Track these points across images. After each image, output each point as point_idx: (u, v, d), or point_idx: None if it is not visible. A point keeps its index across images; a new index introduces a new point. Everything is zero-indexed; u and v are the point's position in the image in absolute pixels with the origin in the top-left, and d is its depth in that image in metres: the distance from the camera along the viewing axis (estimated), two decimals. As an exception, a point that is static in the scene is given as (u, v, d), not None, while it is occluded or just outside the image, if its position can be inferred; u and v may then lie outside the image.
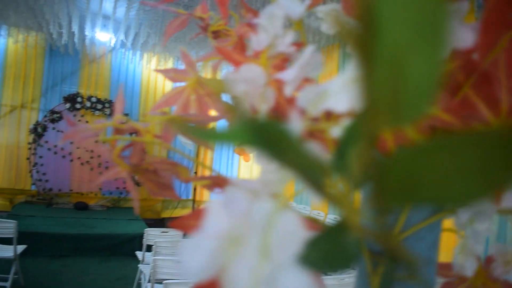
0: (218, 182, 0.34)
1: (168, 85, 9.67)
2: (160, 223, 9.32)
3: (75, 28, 7.40)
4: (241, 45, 0.42)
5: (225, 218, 0.19)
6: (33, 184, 9.02)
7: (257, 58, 0.32)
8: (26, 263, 5.39)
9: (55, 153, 9.04)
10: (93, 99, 9.16)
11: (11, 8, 6.81)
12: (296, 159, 0.17)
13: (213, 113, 0.46)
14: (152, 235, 4.97)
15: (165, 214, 9.85)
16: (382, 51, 0.15)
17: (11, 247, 4.79)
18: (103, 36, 8.18)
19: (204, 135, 0.18)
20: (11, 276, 4.61)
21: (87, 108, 9.15)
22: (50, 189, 8.97)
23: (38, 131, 8.85)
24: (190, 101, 0.46)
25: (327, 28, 0.41)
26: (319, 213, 8.02)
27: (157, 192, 0.45)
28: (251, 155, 8.49)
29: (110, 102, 9.28)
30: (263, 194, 0.30)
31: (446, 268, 0.44)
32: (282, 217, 0.19)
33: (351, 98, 0.24)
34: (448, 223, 0.39)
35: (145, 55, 9.50)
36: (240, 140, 0.16)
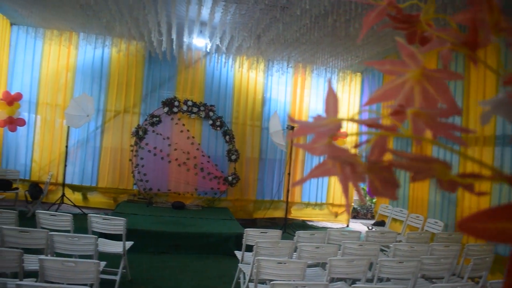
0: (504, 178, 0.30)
1: (259, 88, 9.76)
2: (252, 223, 9.42)
3: (174, 35, 7.75)
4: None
5: None
6: (135, 184, 9.59)
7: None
8: (131, 259, 5.68)
9: (155, 154, 9.55)
10: (189, 103, 9.54)
11: (117, 19, 7.29)
12: None
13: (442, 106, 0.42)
14: (251, 235, 5.00)
15: (257, 215, 9.96)
16: None
17: (120, 243, 5.07)
18: (199, 42, 8.48)
19: None
20: (120, 270, 4.84)
21: (184, 112, 9.54)
22: (150, 189, 9.48)
23: (139, 134, 9.41)
24: (413, 93, 0.42)
25: None
26: (417, 217, 7.66)
27: (380, 192, 0.42)
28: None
29: (205, 105, 9.60)
30: None
31: None
32: None
33: None
34: None
35: (238, 59, 9.70)
36: None
